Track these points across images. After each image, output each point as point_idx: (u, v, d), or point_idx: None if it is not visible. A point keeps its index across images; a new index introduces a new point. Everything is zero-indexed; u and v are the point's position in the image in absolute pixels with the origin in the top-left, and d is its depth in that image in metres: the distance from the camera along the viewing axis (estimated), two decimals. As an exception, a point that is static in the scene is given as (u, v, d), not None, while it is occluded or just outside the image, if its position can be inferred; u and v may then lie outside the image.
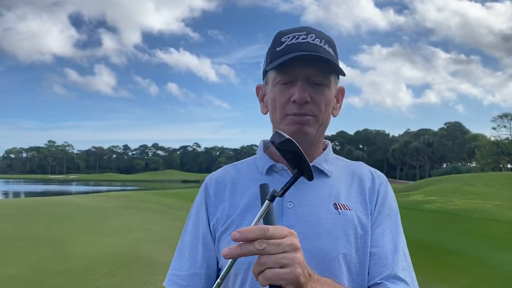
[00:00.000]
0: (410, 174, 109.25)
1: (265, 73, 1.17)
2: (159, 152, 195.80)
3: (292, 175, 1.04)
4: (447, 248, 9.34)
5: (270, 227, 0.74)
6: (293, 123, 1.07)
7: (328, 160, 1.16)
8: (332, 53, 1.09)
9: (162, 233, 10.45)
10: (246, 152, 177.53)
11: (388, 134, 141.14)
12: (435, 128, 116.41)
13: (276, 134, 0.81)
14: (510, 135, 76.29)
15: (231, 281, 1.08)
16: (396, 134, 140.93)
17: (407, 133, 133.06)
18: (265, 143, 1.24)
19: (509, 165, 71.82)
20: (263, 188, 0.83)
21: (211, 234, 1.13)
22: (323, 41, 1.08)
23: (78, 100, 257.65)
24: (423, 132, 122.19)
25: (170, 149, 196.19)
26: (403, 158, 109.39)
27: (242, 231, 0.72)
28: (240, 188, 1.15)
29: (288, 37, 1.08)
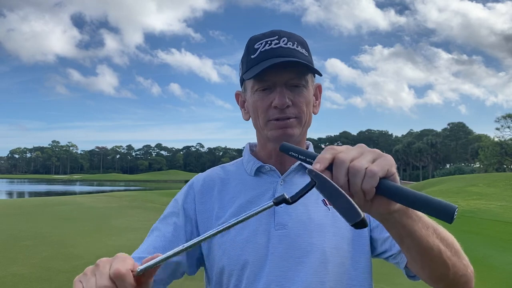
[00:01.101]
0: (413, 174, 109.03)
1: (242, 80, 1.18)
2: (163, 152, 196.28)
3: (279, 173, 1.11)
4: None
5: (337, 147, 0.72)
6: (277, 127, 1.09)
7: None
8: (306, 53, 1.10)
9: (165, 233, 10.49)
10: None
11: (391, 135, 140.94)
12: (438, 128, 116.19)
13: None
14: (514, 135, 75.90)
15: (224, 283, 1.08)
16: (399, 135, 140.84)
17: (410, 133, 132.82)
18: (250, 146, 1.26)
19: (513, 166, 71.49)
20: (284, 147, 0.83)
21: (187, 228, 1.12)
22: (295, 43, 1.09)
23: (81, 100, 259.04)
24: (426, 132, 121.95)
25: (173, 149, 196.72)
26: (406, 158, 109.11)
27: (319, 160, 0.70)
28: (231, 189, 1.16)
29: (261, 43, 1.09)
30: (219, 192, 1.16)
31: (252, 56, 1.09)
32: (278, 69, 1.05)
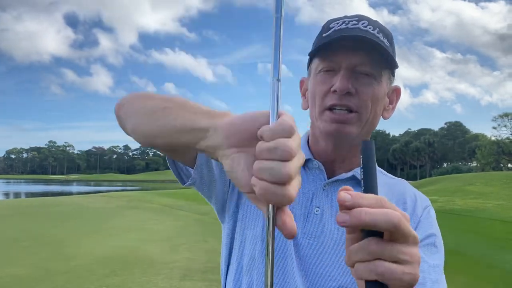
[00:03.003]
0: (410, 174, 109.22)
1: (309, 63, 1.02)
2: (160, 152, 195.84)
3: (325, 176, 0.96)
4: (447, 248, 9.24)
5: (402, 220, 0.52)
6: (331, 121, 0.93)
7: None
8: (387, 43, 0.93)
9: (163, 233, 10.46)
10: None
11: (389, 134, 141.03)
12: (434, 127, 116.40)
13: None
14: (511, 134, 76.21)
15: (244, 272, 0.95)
16: (395, 134, 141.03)
17: (407, 133, 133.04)
18: (309, 134, 1.07)
19: (509, 165, 71.73)
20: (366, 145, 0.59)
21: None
22: (377, 29, 0.92)
23: (77, 100, 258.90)
24: (423, 132, 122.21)
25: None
26: (403, 158, 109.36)
27: (353, 195, 0.52)
28: None
29: (337, 23, 0.94)
30: None
31: (324, 35, 0.94)
32: (347, 50, 0.91)
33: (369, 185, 0.56)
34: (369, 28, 0.91)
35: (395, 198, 0.97)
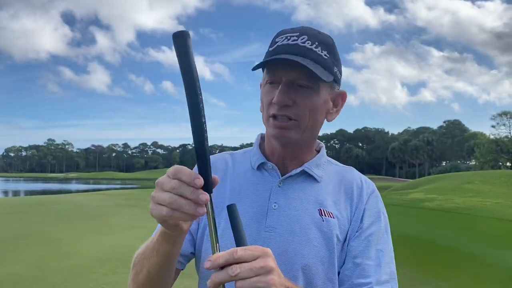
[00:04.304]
0: (409, 172, 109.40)
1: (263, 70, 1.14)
2: (159, 150, 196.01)
3: (279, 174, 1.09)
4: (446, 246, 9.37)
5: (239, 249, 0.73)
6: (274, 126, 1.04)
7: (320, 165, 1.14)
8: (325, 56, 1.04)
9: (162, 231, 10.49)
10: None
11: (388, 132, 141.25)
12: (432, 126, 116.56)
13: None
14: (510, 133, 76.31)
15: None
16: (394, 132, 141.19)
17: (406, 131, 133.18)
18: (262, 137, 1.21)
19: (508, 163, 71.84)
20: (231, 209, 0.81)
21: None
22: (316, 43, 1.03)
23: (75, 98, 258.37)
24: (422, 130, 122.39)
25: (169, 147, 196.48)
26: (402, 156, 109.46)
27: (212, 259, 0.72)
28: (231, 178, 1.14)
29: (282, 38, 1.05)
30: (221, 180, 1.09)
31: (270, 49, 1.06)
32: (285, 66, 1.01)
33: (238, 238, 0.77)
34: (307, 43, 1.02)
35: (343, 186, 1.12)
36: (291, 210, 1.06)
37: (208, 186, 0.74)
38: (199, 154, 0.74)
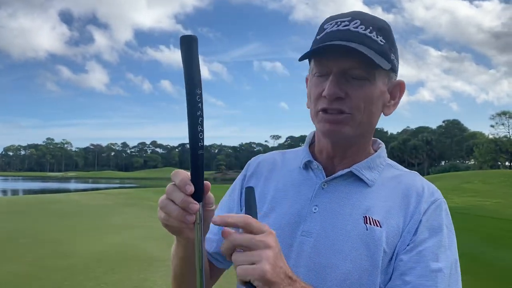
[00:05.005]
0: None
1: (309, 61, 1.04)
2: (158, 149, 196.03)
3: (325, 175, 1.01)
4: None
5: (251, 219, 0.73)
6: (324, 121, 0.94)
7: (373, 167, 1.01)
8: (381, 41, 0.93)
9: (161, 230, 10.33)
10: (245, 149, 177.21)
11: (387, 132, 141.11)
12: (430, 125, 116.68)
13: None
14: (509, 133, 76.42)
15: None
16: (393, 131, 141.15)
17: (405, 130, 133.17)
18: (314, 134, 1.11)
19: (507, 163, 71.93)
20: (247, 191, 0.81)
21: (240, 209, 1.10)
22: (370, 28, 0.93)
23: (73, 97, 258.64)
24: (421, 130, 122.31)
25: (168, 146, 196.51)
26: (401, 156, 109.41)
27: (224, 216, 0.73)
28: (278, 177, 1.08)
29: (331, 24, 0.95)
30: (266, 179, 1.09)
31: (318, 37, 0.96)
32: (336, 55, 0.91)
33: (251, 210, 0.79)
34: (361, 28, 0.92)
35: (400, 193, 0.96)
36: (332, 215, 0.95)
37: (198, 194, 0.74)
38: (192, 161, 0.74)
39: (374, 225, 0.91)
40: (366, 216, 0.93)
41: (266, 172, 1.11)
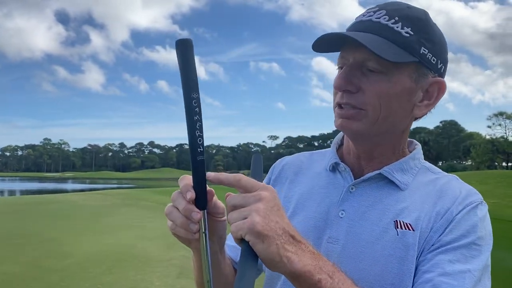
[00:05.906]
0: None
1: None
2: (155, 150, 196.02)
3: (352, 178, 0.95)
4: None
5: (244, 177, 0.71)
6: (337, 116, 0.90)
7: (406, 170, 0.93)
8: (407, 33, 0.85)
9: (158, 231, 10.43)
10: (242, 150, 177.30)
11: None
12: (427, 126, 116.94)
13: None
14: (505, 133, 76.66)
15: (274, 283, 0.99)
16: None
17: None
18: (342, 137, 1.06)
19: (504, 163, 72.14)
20: (254, 158, 0.81)
21: None
22: (396, 18, 0.85)
23: (70, 97, 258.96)
24: (418, 130, 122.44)
25: (166, 147, 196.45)
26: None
27: (218, 174, 0.73)
28: (303, 180, 1.04)
29: (359, 16, 0.91)
30: (291, 183, 1.05)
31: (347, 28, 0.92)
32: (352, 47, 0.86)
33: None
34: (383, 19, 0.85)
35: (434, 195, 0.89)
36: (360, 220, 0.89)
37: (201, 201, 0.73)
38: (193, 167, 0.73)
39: (406, 229, 0.85)
40: (397, 221, 0.86)
41: (292, 175, 1.06)
